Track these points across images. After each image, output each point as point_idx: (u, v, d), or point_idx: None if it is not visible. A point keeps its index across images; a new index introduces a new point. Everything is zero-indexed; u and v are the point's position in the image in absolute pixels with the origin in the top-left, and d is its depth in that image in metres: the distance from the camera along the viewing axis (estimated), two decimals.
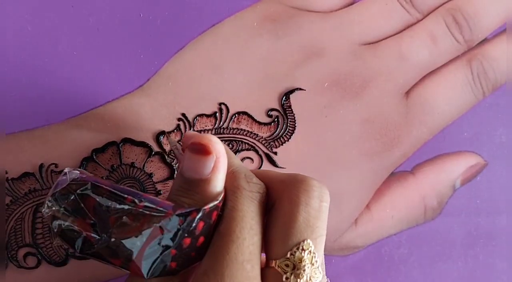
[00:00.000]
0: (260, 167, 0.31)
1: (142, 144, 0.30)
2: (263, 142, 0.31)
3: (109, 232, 0.21)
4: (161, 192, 0.30)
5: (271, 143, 0.31)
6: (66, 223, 0.21)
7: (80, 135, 0.30)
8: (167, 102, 0.31)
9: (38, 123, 0.29)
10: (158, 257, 0.21)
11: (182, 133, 0.31)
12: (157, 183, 0.30)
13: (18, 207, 0.29)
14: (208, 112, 0.31)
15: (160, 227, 0.21)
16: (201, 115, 0.31)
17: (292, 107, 0.32)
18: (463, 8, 0.34)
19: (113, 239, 0.21)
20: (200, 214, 0.21)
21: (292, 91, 0.32)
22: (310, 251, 0.21)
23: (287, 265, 0.21)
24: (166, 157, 0.30)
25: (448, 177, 0.33)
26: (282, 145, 0.31)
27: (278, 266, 0.21)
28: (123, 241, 0.21)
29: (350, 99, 0.32)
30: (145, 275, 0.21)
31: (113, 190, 0.21)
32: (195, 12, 0.31)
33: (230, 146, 0.31)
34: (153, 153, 0.30)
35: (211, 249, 0.21)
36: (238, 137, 0.31)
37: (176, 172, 0.30)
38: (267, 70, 0.32)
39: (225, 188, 0.23)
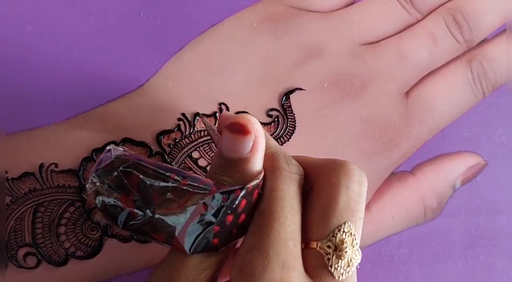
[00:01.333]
0: None
1: (142, 144, 0.31)
2: None
3: (153, 208, 0.22)
4: None
5: None
6: (110, 199, 0.22)
7: (80, 135, 0.30)
8: (167, 102, 0.31)
9: (38, 123, 0.30)
10: (201, 233, 0.22)
11: (182, 133, 0.31)
12: None
13: (18, 207, 0.29)
14: (208, 112, 0.32)
15: (204, 203, 0.22)
16: (201, 115, 0.31)
17: (292, 107, 0.32)
18: (463, 8, 0.35)
19: (156, 215, 0.22)
20: (243, 192, 0.22)
21: (292, 91, 0.32)
22: (351, 233, 0.22)
23: (328, 246, 0.22)
24: (166, 156, 0.31)
25: (448, 177, 0.34)
26: (282, 145, 0.32)
27: (320, 247, 0.22)
28: (166, 217, 0.22)
29: (350, 100, 0.33)
30: (188, 251, 0.22)
31: (156, 168, 0.22)
32: (195, 12, 0.32)
33: None
34: (153, 152, 0.31)
35: (253, 227, 0.22)
36: None
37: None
38: (267, 70, 0.32)
39: (264, 168, 0.23)
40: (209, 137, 0.31)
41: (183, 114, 0.31)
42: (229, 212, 0.22)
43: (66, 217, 0.30)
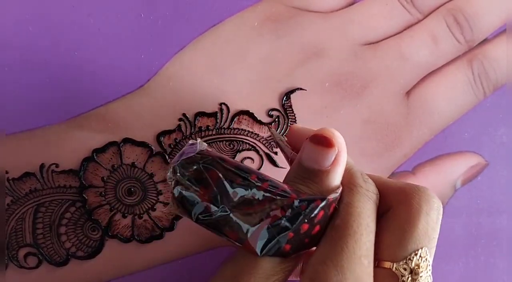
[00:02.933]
0: (261, 166, 0.32)
1: (143, 144, 0.31)
2: (264, 142, 0.32)
3: (230, 206, 0.23)
4: (162, 192, 0.31)
5: (272, 143, 0.32)
6: (188, 191, 0.23)
7: (81, 135, 0.31)
8: (168, 102, 0.32)
9: (38, 124, 0.31)
10: (275, 237, 0.22)
11: (183, 133, 0.32)
12: (158, 182, 0.31)
13: (19, 207, 0.30)
14: (209, 112, 0.32)
15: (282, 208, 0.22)
16: (201, 115, 0.32)
17: (293, 107, 0.33)
18: (464, 8, 0.35)
19: (232, 214, 0.23)
20: (323, 203, 0.23)
21: (292, 91, 0.33)
22: (426, 259, 0.23)
23: (404, 269, 0.23)
24: (167, 157, 0.31)
25: (449, 177, 0.34)
26: None
27: (396, 269, 0.23)
28: (242, 216, 0.22)
29: (351, 100, 0.33)
30: (259, 253, 0.23)
31: (237, 168, 0.23)
32: (196, 12, 0.32)
33: (231, 146, 0.32)
34: (154, 153, 0.31)
35: (327, 240, 0.23)
36: (239, 137, 0.32)
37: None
38: (268, 70, 0.33)
39: (342, 184, 0.24)
40: (209, 137, 0.32)
41: (184, 115, 0.32)
42: (306, 220, 0.23)
43: (67, 217, 0.31)
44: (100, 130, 0.31)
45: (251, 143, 0.33)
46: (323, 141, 0.23)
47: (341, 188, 0.24)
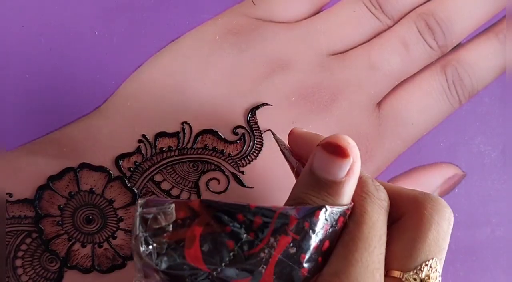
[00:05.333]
0: (227, 187, 0.32)
1: (101, 169, 0.31)
2: (230, 161, 0.32)
3: (229, 258, 0.21)
4: (123, 218, 0.30)
5: (238, 162, 0.32)
6: (172, 258, 0.21)
7: (35, 162, 0.30)
8: (126, 123, 0.31)
9: None
10: (289, 265, 0.22)
11: (143, 155, 0.31)
12: (119, 209, 0.31)
13: None
14: (170, 132, 0.31)
15: (287, 234, 0.22)
16: (162, 135, 0.31)
17: (259, 124, 0.32)
18: (436, 13, 0.35)
19: (235, 266, 0.21)
20: (322, 211, 0.22)
21: (258, 107, 0.32)
22: (436, 270, 0.23)
23: (414, 279, 0.23)
24: (126, 181, 0.31)
25: (425, 190, 0.33)
26: (249, 163, 0.32)
27: (406, 279, 0.23)
28: (248, 262, 0.21)
29: (319, 113, 0.33)
30: None
31: (219, 215, 0.21)
32: (153, 27, 0.32)
33: (195, 166, 0.32)
34: (113, 177, 0.31)
35: (340, 250, 0.23)
36: (203, 158, 0.32)
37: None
38: (231, 86, 0.32)
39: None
40: (171, 159, 0.31)
41: (144, 136, 0.31)
42: (312, 236, 0.22)
43: (23, 249, 0.30)
44: (55, 156, 0.31)
45: (216, 163, 0.32)
46: (338, 151, 0.23)
47: (351, 204, 0.23)
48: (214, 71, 0.33)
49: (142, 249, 0.21)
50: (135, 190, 0.31)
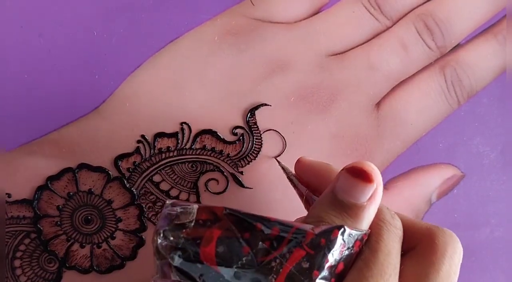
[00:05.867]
0: (226, 188, 0.32)
1: (100, 169, 0.31)
2: (229, 162, 0.32)
3: (243, 262, 0.21)
4: (122, 219, 0.31)
5: (237, 162, 0.32)
6: (186, 254, 0.21)
7: (34, 163, 0.30)
8: (125, 124, 0.31)
9: None
10: (301, 279, 0.22)
11: (142, 156, 0.31)
12: (117, 209, 0.31)
13: None
14: (169, 132, 0.32)
15: (301, 248, 0.22)
16: (161, 136, 0.31)
17: (258, 124, 0.32)
18: (435, 13, 0.35)
19: (247, 271, 0.21)
20: (341, 231, 0.22)
21: (257, 107, 0.33)
22: None
23: None
24: (125, 181, 0.31)
25: (424, 191, 0.34)
26: (248, 164, 0.32)
27: None
28: (261, 269, 0.21)
29: (318, 114, 0.33)
30: None
31: (240, 220, 0.22)
32: (152, 28, 0.32)
33: (194, 167, 0.32)
34: (112, 178, 0.31)
35: (355, 276, 0.23)
36: (201, 158, 0.32)
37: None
38: (231, 86, 0.32)
39: None
40: (170, 159, 0.32)
41: (143, 136, 0.32)
42: (328, 254, 0.22)
43: (21, 250, 0.30)
44: (54, 156, 0.31)
45: (215, 164, 0.32)
46: (362, 175, 0.23)
47: (369, 231, 0.24)
48: (213, 71, 0.33)
49: (159, 241, 0.22)
50: (134, 191, 0.31)
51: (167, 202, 0.23)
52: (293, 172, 0.29)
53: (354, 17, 0.35)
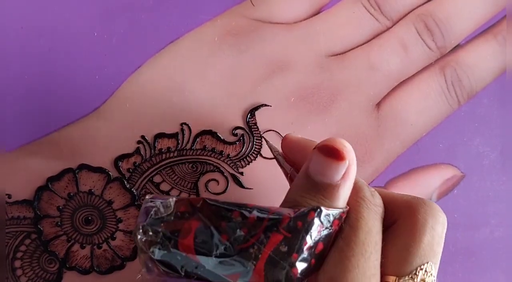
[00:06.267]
0: (226, 188, 0.32)
1: (100, 170, 0.31)
2: (229, 162, 0.32)
3: (222, 250, 0.22)
4: (122, 219, 0.31)
5: (237, 163, 0.32)
6: (166, 248, 0.22)
7: (34, 163, 0.31)
8: (125, 124, 0.31)
9: None
10: (280, 263, 0.22)
11: (142, 156, 0.31)
12: (118, 210, 0.31)
13: None
14: (170, 133, 0.32)
15: (279, 232, 0.22)
16: (161, 136, 0.31)
17: (258, 125, 0.32)
18: (435, 14, 0.35)
19: (227, 258, 0.22)
20: (317, 212, 0.22)
21: (257, 107, 0.33)
22: (431, 274, 0.23)
23: None
24: (125, 182, 0.31)
25: (424, 191, 0.34)
26: (248, 164, 0.32)
27: None
28: (239, 255, 0.22)
29: (318, 114, 0.33)
30: None
31: (217, 210, 0.22)
32: (152, 28, 0.32)
33: (194, 167, 0.32)
34: (112, 178, 0.31)
35: (336, 255, 0.23)
36: (202, 159, 0.32)
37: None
38: (231, 87, 0.33)
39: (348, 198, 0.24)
40: (171, 160, 0.32)
41: (143, 137, 0.32)
42: (306, 237, 0.22)
43: (21, 250, 0.31)
44: (54, 157, 0.31)
45: (215, 164, 0.32)
46: (334, 153, 0.23)
47: (347, 208, 0.24)
48: (213, 72, 0.33)
49: (139, 236, 0.22)
50: (134, 191, 0.31)
51: (146, 197, 0.23)
52: (280, 150, 0.29)
53: (354, 18, 0.35)
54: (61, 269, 0.31)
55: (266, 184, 0.33)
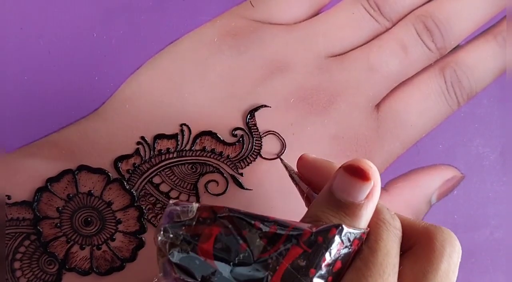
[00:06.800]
0: (226, 189, 0.32)
1: (99, 171, 0.31)
2: (228, 163, 0.32)
3: (241, 258, 0.22)
4: (122, 220, 0.31)
5: (237, 164, 0.32)
6: (185, 252, 0.22)
7: (34, 165, 0.31)
8: (125, 125, 0.31)
9: None
10: (297, 277, 0.22)
11: (141, 157, 0.31)
12: (117, 211, 0.31)
13: None
14: (169, 134, 0.32)
15: (299, 245, 0.22)
16: (161, 137, 0.32)
17: (258, 126, 0.33)
18: (434, 14, 0.35)
19: (245, 267, 0.22)
20: (338, 230, 0.22)
21: (256, 108, 0.33)
22: None
23: None
24: (125, 183, 0.31)
25: (424, 192, 0.34)
26: (248, 165, 0.33)
27: None
28: (258, 263, 0.22)
29: (318, 115, 0.33)
30: None
31: (239, 218, 0.23)
32: (152, 30, 0.32)
33: (194, 168, 0.32)
34: (112, 179, 0.31)
35: (353, 275, 0.23)
36: (201, 160, 0.32)
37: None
38: (230, 88, 0.33)
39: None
40: (170, 161, 0.32)
41: (142, 138, 0.32)
42: (325, 253, 0.22)
43: (21, 252, 0.31)
44: (53, 158, 0.31)
45: (215, 165, 0.32)
46: (359, 173, 0.23)
47: (368, 229, 0.24)
48: (213, 73, 0.33)
49: (159, 238, 0.22)
50: (133, 192, 0.32)
51: (170, 201, 0.24)
52: (295, 169, 0.30)
53: (354, 19, 0.35)
54: (60, 270, 0.31)
55: (265, 184, 0.33)
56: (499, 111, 0.36)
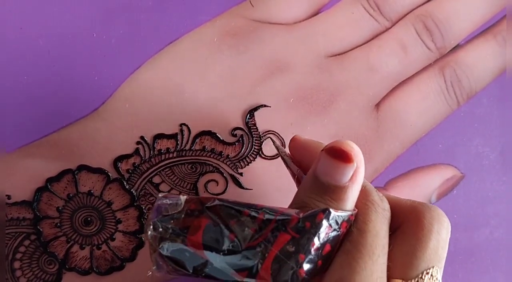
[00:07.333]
0: (226, 189, 0.32)
1: (99, 171, 0.31)
2: (228, 163, 0.32)
3: (230, 247, 0.22)
4: (122, 220, 0.31)
5: (237, 164, 0.32)
6: (175, 243, 0.22)
7: (33, 164, 0.31)
8: (125, 125, 0.32)
9: None
10: (286, 263, 0.22)
11: (141, 157, 0.31)
12: (117, 211, 0.31)
13: None
14: (169, 133, 0.32)
15: (286, 232, 0.22)
16: (161, 137, 0.32)
17: (257, 125, 0.33)
18: (434, 14, 0.35)
19: (234, 256, 0.22)
20: (325, 214, 0.23)
21: (256, 108, 0.33)
22: (436, 278, 0.24)
23: None
24: (125, 183, 0.31)
25: (423, 192, 0.34)
26: (248, 165, 0.33)
27: None
28: (247, 254, 0.22)
29: (318, 115, 0.33)
30: None
31: (227, 208, 0.23)
32: (151, 29, 0.32)
33: (194, 168, 0.32)
34: (111, 179, 0.31)
35: (343, 257, 0.23)
36: (201, 159, 0.32)
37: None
38: (230, 87, 0.33)
39: (357, 201, 0.25)
40: (170, 160, 0.32)
41: (142, 137, 0.32)
42: (313, 238, 0.22)
43: (21, 251, 0.31)
44: (53, 158, 0.31)
45: (215, 165, 0.33)
46: (341, 155, 0.23)
47: (356, 210, 0.24)
48: (213, 73, 0.33)
49: (149, 232, 0.23)
50: (133, 192, 0.32)
51: (159, 195, 0.24)
52: (287, 151, 0.30)
53: (353, 18, 0.35)
54: (60, 270, 0.31)
55: (265, 184, 0.33)
56: (499, 111, 0.36)
